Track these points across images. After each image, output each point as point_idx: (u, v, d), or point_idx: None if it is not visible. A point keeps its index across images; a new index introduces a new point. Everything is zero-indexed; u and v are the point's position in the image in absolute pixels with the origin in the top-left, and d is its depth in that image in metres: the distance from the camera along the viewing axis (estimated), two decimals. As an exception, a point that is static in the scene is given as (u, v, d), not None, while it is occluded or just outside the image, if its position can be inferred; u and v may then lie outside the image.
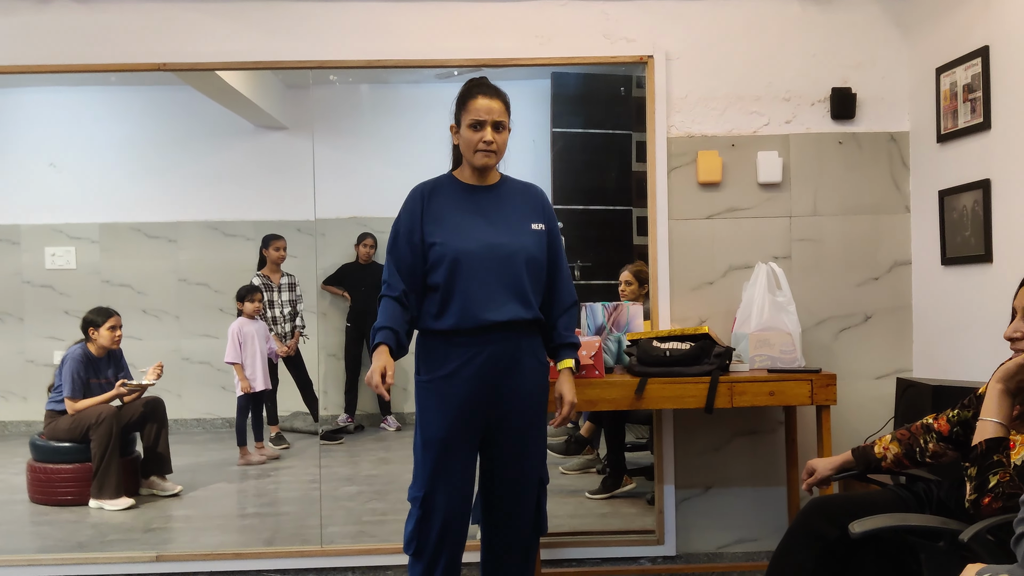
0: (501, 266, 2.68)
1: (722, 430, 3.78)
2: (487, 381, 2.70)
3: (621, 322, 3.55)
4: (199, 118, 6.70)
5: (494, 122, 2.69)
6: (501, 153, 2.75)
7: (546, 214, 2.84)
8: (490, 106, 2.69)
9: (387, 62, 3.76)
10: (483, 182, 2.79)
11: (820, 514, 2.35)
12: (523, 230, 2.75)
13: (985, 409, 2.09)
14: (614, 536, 3.91)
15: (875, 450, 2.52)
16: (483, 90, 2.71)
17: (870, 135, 3.78)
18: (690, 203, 3.76)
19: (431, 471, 2.70)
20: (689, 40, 3.76)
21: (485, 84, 2.74)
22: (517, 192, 2.83)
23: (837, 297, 3.78)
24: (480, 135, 2.69)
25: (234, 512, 4.87)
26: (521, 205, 2.80)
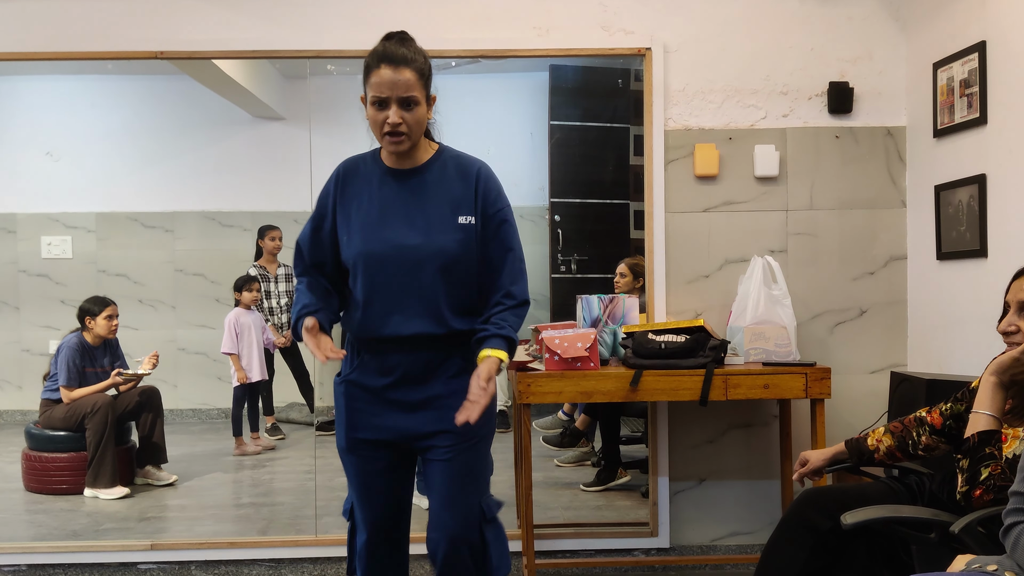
0: (409, 273, 2.26)
1: (717, 423, 3.79)
2: (395, 401, 2.32)
3: (617, 314, 3.56)
4: (197, 107, 6.70)
5: (400, 98, 2.18)
6: (415, 135, 2.24)
7: (485, 199, 2.30)
8: (394, 79, 2.17)
9: (385, 52, 3.75)
10: (404, 164, 2.31)
11: (812, 506, 2.36)
12: (444, 227, 2.27)
13: (978, 402, 2.10)
14: (608, 528, 3.92)
15: (868, 442, 2.53)
16: (388, 59, 2.19)
17: (867, 129, 3.78)
18: (687, 196, 3.76)
19: (351, 482, 2.41)
20: (687, 33, 3.75)
21: (390, 52, 2.21)
22: (449, 176, 2.32)
23: (832, 291, 3.79)
24: (383, 115, 2.19)
25: (229, 502, 4.87)
26: (448, 192, 2.30)
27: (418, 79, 2.21)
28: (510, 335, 2.27)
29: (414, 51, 2.24)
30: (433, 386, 2.32)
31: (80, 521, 4.35)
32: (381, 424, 2.33)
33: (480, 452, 2.37)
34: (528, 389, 3.24)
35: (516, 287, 2.33)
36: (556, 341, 3.29)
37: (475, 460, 2.35)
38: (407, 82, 2.18)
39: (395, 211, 2.29)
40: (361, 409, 2.35)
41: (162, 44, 3.68)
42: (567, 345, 3.29)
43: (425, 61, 2.26)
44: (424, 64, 2.25)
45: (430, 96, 2.29)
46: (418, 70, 2.22)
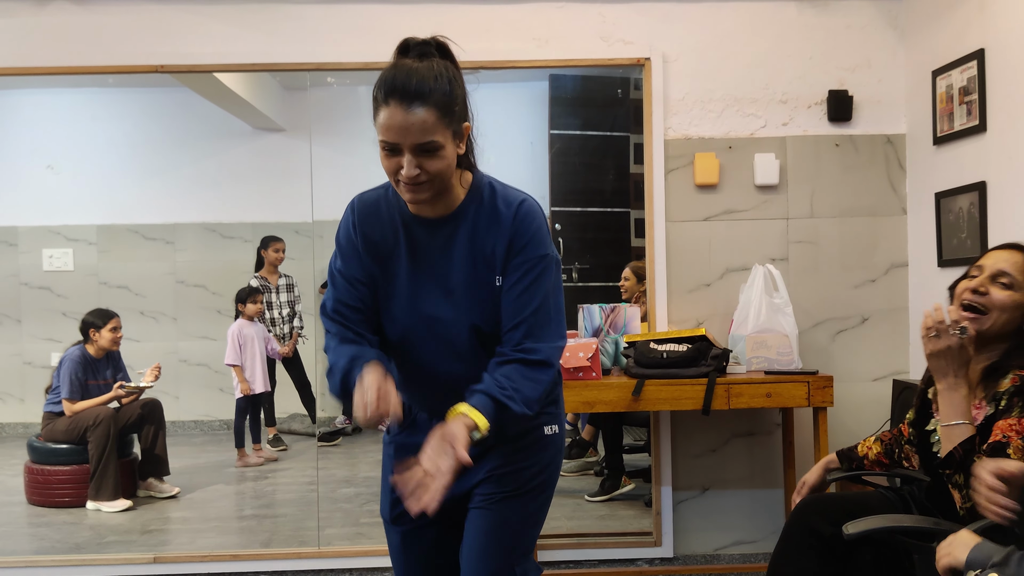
0: (445, 344, 1.89)
1: (719, 432, 3.78)
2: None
3: (618, 324, 3.56)
4: (197, 120, 6.70)
5: (415, 145, 1.70)
6: (440, 184, 1.76)
7: (520, 252, 1.82)
8: (405, 124, 1.68)
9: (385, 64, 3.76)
10: (433, 212, 1.86)
11: (814, 512, 2.36)
12: (481, 291, 1.85)
13: (944, 414, 2.08)
14: (611, 538, 3.92)
15: (858, 449, 2.56)
16: (398, 92, 1.68)
17: (867, 137, 3.79)
18: (687, 205, 3.77)
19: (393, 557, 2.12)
20: (686, 42, 3.76)
21: (401, 82, 1.69)
22: (482, 224, 1.84)
23: (834, 299, 3.79)
24: (395, 162, 1.72)
25: (232, 514, 4.86)
26: (484, 246, 1.84)
27: (439, 117, 1.70)
28: (502, 399, 1.74)
29: (435, 75, 1.72)
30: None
31: (83, 534, 4.34)
32: None
33: (525, 506, 1.95)
34: (530, 399, 3.24)
35: (537, 344, 1.81)
36: (558, 351, 3.29)
37: (516, 513, 1.94)
38: (422, 125, 1.68)
39: (425, 273, 1.87)
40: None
41: (162, 58, 3.69)
42: (569, 355, 3.29)
43: (450, 86, 1.74)
44: (448, 92, 1.72)
45: (463, 127, 1.79)
46: (439, 104, 1.70)
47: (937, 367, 2.08)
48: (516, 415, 1.76)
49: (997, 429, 2.02)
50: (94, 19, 3.71)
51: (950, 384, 2.06)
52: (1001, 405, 2.07)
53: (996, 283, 2.14)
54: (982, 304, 2.14)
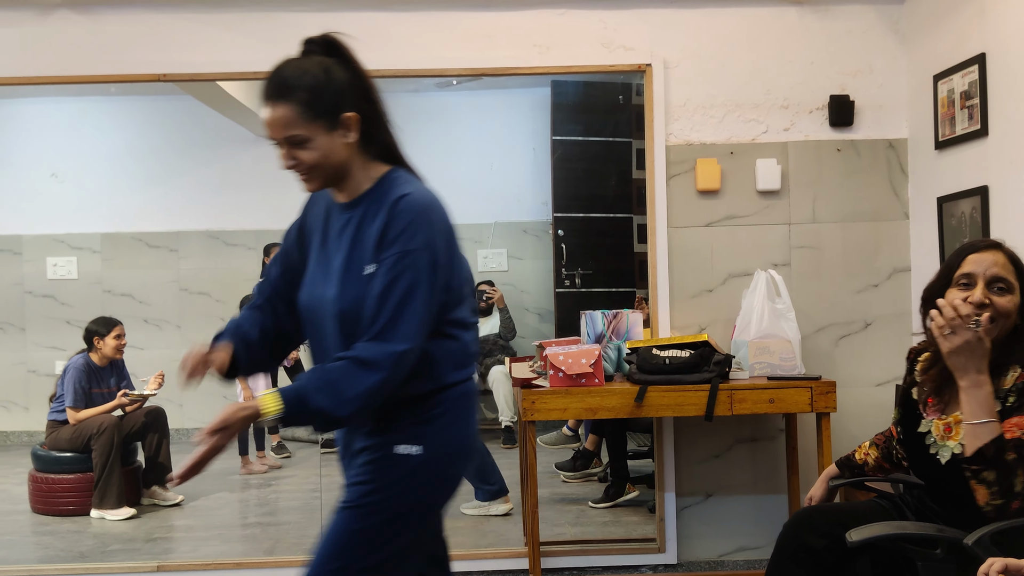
0: (319, 331, 1.93)
1: (723, 438, 3.78)
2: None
3: (621, 330, 3.56)
4: (200, 127, 6.73)
5: (283, 139, 1.82)
6: (325, 171, 1.85)
7: (389, 244, 1.80)
8: (270, 119, 1.81)
9: (387, 71, 3.77)
10: (342, 197, 1.93)
11: (805, 526, 2.33)
12: (349, 278, 1.85)
13: (970, 413, 2.05)
14: (615, 544, 3.91)
15: (856, 457, 2.54)
16: (263, 94, 1.83)
17: (868, 142, 3.78)
18: (689, 211, 3.77)
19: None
20: (687, 48, 3.77)
21: (265, 84, 1.83)
22: (370, 214, 1.86)
23: (837, 304, 3.78)
24: (281, 153, 1.85)
25: (235, 522, 4.87)
26: (365, 233, 1.86)
27: (301, 112, 1.79)
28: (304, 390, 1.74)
29: (301, 71, 1.83)
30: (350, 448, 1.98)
31: (87, 543, 4.34)
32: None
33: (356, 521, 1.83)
34: (533, 406, 3.24)
35: (368, 346, 1.76)
36: (560, 357, 3.29)
37: (344, 527, 1.84)
38: (282, 120, 1.79)
39: (322, 257, 1.94)
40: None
41: (165, 66, 3.70)
42: (571, 361, 3.29)
43: (317, 80, 1.82)
44: (313, 86, 1.80)
45: (339, 119, 1.82)
46: (302, 100, 1.79)
47: (957, 364, 2.05)
48: (315, 410, 1.74)
49: (1011, 426, 2.01)
50: (97, 28, 3.72)
51: (973, 381, 2.03)
52: (1009, 402, 2.06)
53: (994, 290, 2.11)
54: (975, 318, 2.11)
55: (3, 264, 6.99)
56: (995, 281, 2.10)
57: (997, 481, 1.97)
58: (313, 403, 1.73)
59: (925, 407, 2.25)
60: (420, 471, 1.86)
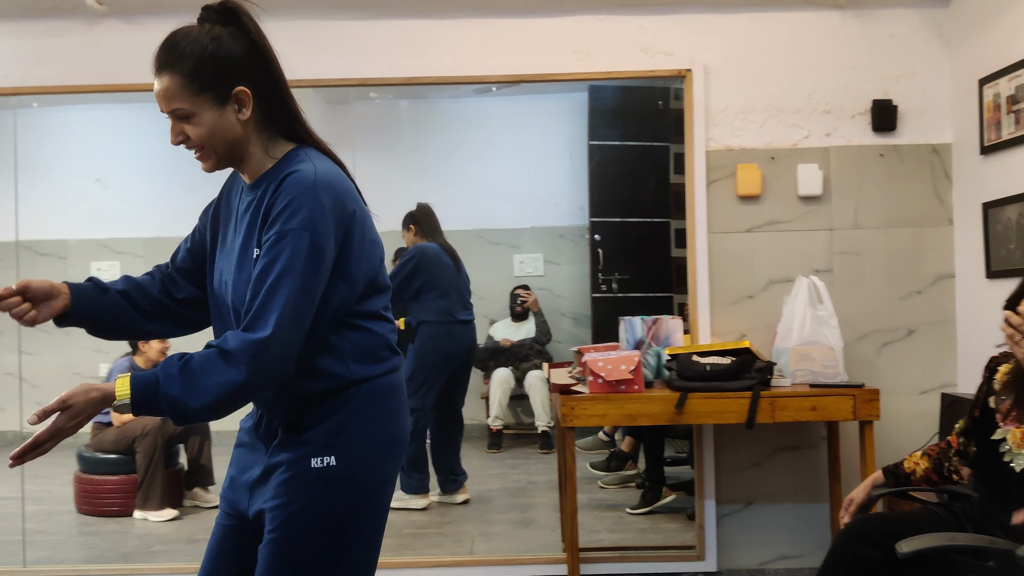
0: (222, 319, 1.80)
1: (763, 445, 3.75)
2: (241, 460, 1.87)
3: (660, 336, 3.55)
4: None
5: (169, 112, 1.71)
6: (216, 148, 1.73)
7: (271, 224, 1.65)
8: (158, 91, 1.69)
9: (427, 79, 3.81)
10: (247, 178, 1.79)
11: (859, 537, 2.32)
12: (240, 261, 1.73)
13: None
14: (654, 551, 3.89)
15: (905, 465, 2.51)
16: (153, 64, 1.71)
17: (912, 147, 3.74)
18: (729, 216, 3.75)
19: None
20: (727, 53, 3.75)
21: (155, 54, 1.71)
22: (269, 194, 1.70)
23: (880, 311, 3.74)
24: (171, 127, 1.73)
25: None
26: (256, 214, 1.72)
27: (185, 84, 1.66)
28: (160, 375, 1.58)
29: (190, 40, 1.68)
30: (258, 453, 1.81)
31: (130, 543, 4.41)
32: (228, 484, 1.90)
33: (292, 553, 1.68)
34: (572, 412, 3.24)
35: (234, 335, 1.59)
36: (600, 363, 3.29)
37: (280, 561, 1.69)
38: (165, 92, 1.67)
39: (227, 240, 1.81)
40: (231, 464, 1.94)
41: (209, 75, 3.75)
42: (611, 367, 3.28)
43: (206, 50, 1.67)
44: (200, 56, 1.67)
45: (231, 92, 1.69)
46: (187, 71, 1.66)
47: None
48: (167, 398, 1.56)
49: None
50: (143, 37, 3.72)
51: None
52: None
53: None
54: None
55: (48, 268, 7.10)
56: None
57: None
58: (165, 390, 1.57)
59: (1003, 416, 2.23)
60: (343, 481, 1.69)
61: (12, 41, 3.78)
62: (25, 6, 3.73)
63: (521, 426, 6.57)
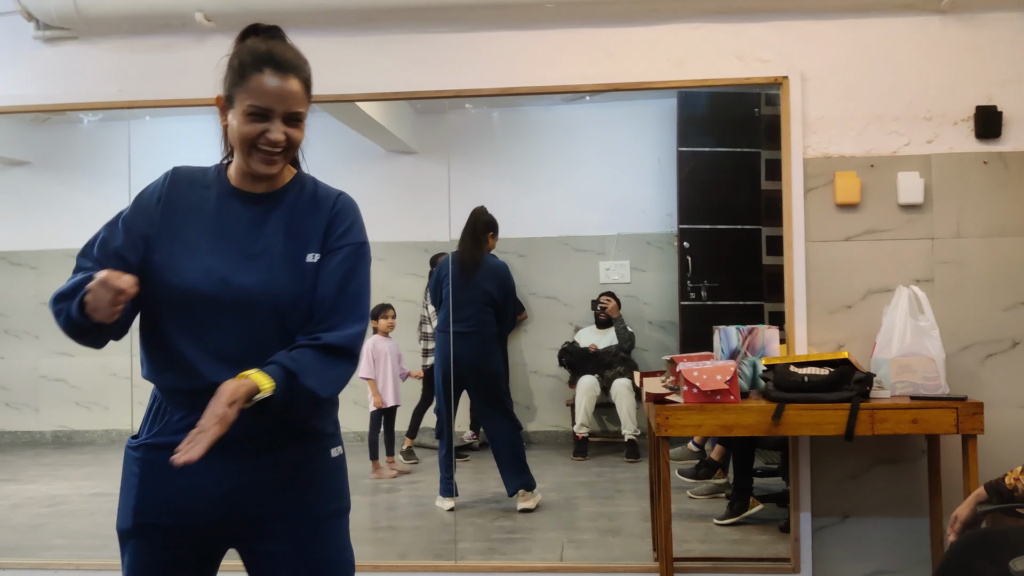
0: (240, 317, 1.80)
1: (861, 457, 3.69)
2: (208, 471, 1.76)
3: (756, 346, 3.52)
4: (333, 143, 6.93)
5: (286, 114, 1.79)
6: (292, 154, 1.86)
7: (340, 236, 1.87)
8: (282, 90, 1.78)
9: (519, 89, 3.85)
10: (257, 187, 1.89)
11: (973, 551, 2.27)
12: (287, 266, 1.82)
13: None
14: (748, 563, 3.87)
15: (1006, 480, 2.44)
16: (274, 63, 1.79)
17: (1017, 154, 3.64)
18: (827, 225, 3.70)
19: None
20: (825, 60, 3.71)
21: (278, 55, 1.81)
22: (301, 209, 1.88)
23: (983, 322, 3.65)
24: (262, 128, 1.78)
25: (366, 525, 5.01)
26: (300, 225, 1.87)
27: (305, 93, 1.84)
28: (291, 367, 1.69)
29: (300, 54, 1.86)
30: (262, 455, 1.82)
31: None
32: (186, 502, 1.80)
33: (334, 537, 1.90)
34: (667, 422, 3.24)
35: (332, 333, 1.77)
36: (695, 373, 3.28)
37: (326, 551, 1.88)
38: (295, 95, 1.80)
39: (231, 241, 1.84)
40: (157, 480, 1.80)
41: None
42: (706, 377, 3.27)
43: (307, 70, 1.86)
44: (310, 73, 1.86)
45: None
46: (306, 80, 1.84)
47: None
48: (307, 390, 1.69)
49: None
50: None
51: None
52: None
53: None
54: None
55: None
56: None
57: None
58: (302, 382, 1.69)
59: None
60: (344, 472, 1.98)
61: (125, 56, 3.96)
62: (136, 22, 3.90)
63: (607, 434, 6.57)
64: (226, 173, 1.91)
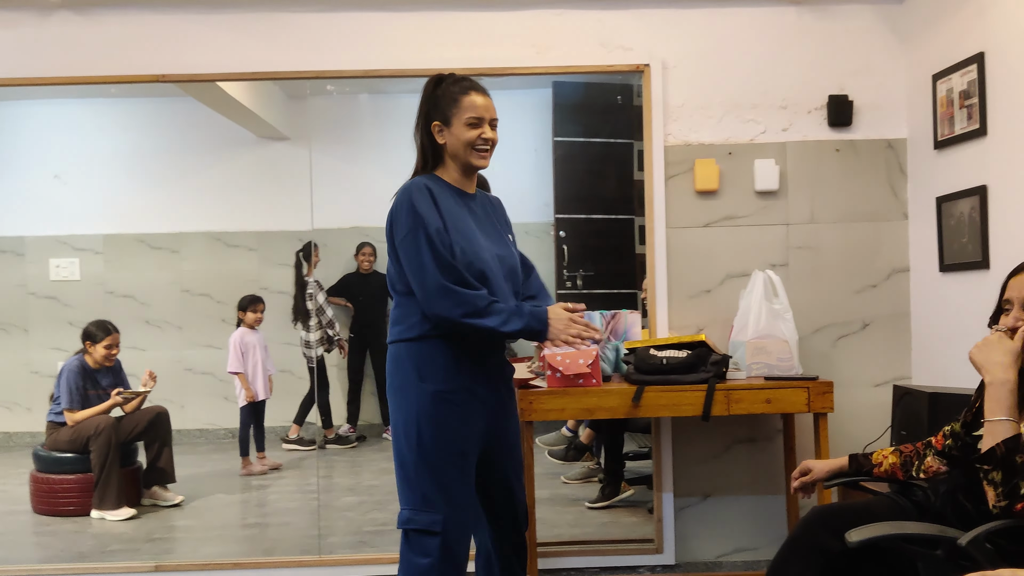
0: (507, 279, 2.58)
1: (721, 438, 3.77)
2: (490, 391, 2.57)
3: (619, 330, 3.55)
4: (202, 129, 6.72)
5: (492, 120, 2.57)
6: (491, 155, 2.60)
7: (509, 222, 2.79)
8: (487, 104, 2.56)
9: (384, 71, 3.78)
10: (469, 189, 2.63)
11: (822, 526, 2.31)
12: (509, 241, 2.69)
13: (989, 410, 2.03)
14: (613, 545, 3.90)
15: (873, 456, 2.50)
16: (477, 88, 2.58)
17: (867, 142, 3.78)
18: (688, 211, 3.77)
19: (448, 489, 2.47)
20: (686, 49, 3.76)
21: (475, 83, 2.60)
22: (490, 203, 2.72)
23: (835, 304, 3.78)
24: (479, 131, 2.53)
25: (235, 522, 4.87)
26: (497, 216, 2.72)
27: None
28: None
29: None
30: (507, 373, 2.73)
31: (87, 543, 4.35)
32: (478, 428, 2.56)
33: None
34: (531, 407, 3.23)
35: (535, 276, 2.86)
36: (558, 358, 3.29)
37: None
38: (494, 108, 2.58)
39: (478, 227, 2.58)
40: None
41: (165, 67, 3.71)
42: (569, 362, 3.28)
43: None
44: None
45: None
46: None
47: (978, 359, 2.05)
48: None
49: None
50: (97, 29, 3.73)
51: (996, 378, 1.99)
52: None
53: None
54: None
55: (6, 265, 7.00)
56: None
57: (1003, 482, 1.94)
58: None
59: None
60: None
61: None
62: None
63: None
64: (445, 180, 2.59)
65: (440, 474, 2.45)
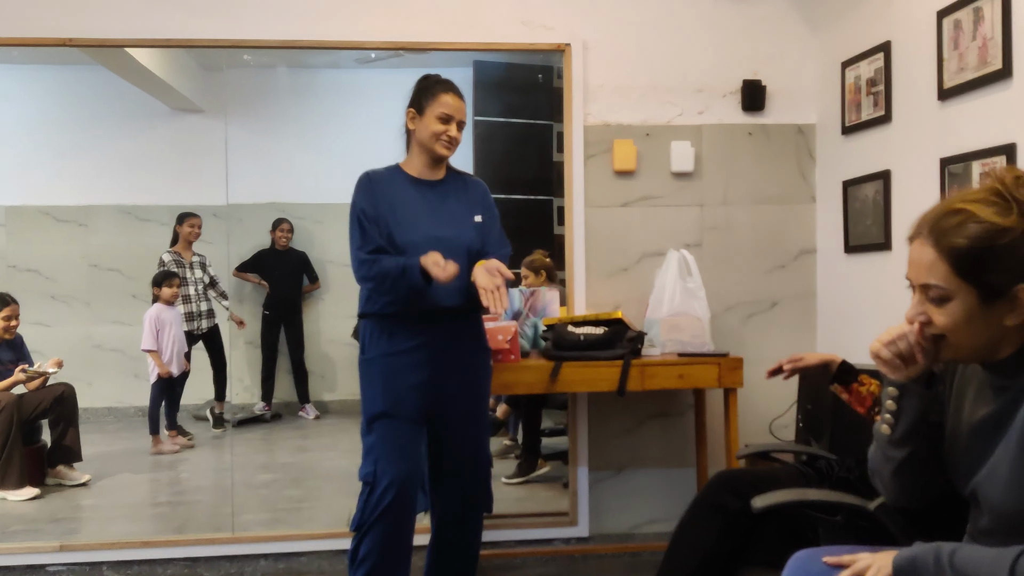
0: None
1: (635, 413, 3.85)
2: (430, 361, 2.82)
3: (538, 307, 3.59)
4: (113, 99, 6.51)
5: (459, 121, 2.86)
6: (454, 149, 2.89)
7: (484, 205, 2.97)
8: (459, 106, 2.86)
9: (303, 43, 3.73)
10: (431, 176, 2.90)
11: (725, 487, 2.40)
12: (465, 223, 2.88)
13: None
14: (529, 519, 3.95)
15: (861, 376, 2.45)
16: (454, 89, 2.88)
17: (779, 127, 3.89)
18: (606, 191, 3.82)
19: (379, 446, 2.83)
20: (606, 30, 3.81)
21: (453, 85, 2.90)
22: (460, 187, 2.95)
23: (745, 284, 3.89)
24: (446, 128, 2.83)
25: (145, 501, 4.77)
26: (463, 199, 2.93)
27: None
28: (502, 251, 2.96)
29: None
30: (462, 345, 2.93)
31: (-13, 523, 4.21)
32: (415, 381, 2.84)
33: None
34: (448, 381, 3.24)
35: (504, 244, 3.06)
36: (476, 333, 3.30)
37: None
38: (464, 111, 2.89)
39: (426, 211, 2.84)
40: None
41: (71, 31, 3.59)
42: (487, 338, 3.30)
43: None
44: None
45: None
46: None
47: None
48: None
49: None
50: (-1, -10, 3.58)
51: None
52: None
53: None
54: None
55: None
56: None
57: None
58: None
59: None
60: None
61: None
62: None
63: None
64: (403, 170, 2.93)
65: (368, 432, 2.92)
